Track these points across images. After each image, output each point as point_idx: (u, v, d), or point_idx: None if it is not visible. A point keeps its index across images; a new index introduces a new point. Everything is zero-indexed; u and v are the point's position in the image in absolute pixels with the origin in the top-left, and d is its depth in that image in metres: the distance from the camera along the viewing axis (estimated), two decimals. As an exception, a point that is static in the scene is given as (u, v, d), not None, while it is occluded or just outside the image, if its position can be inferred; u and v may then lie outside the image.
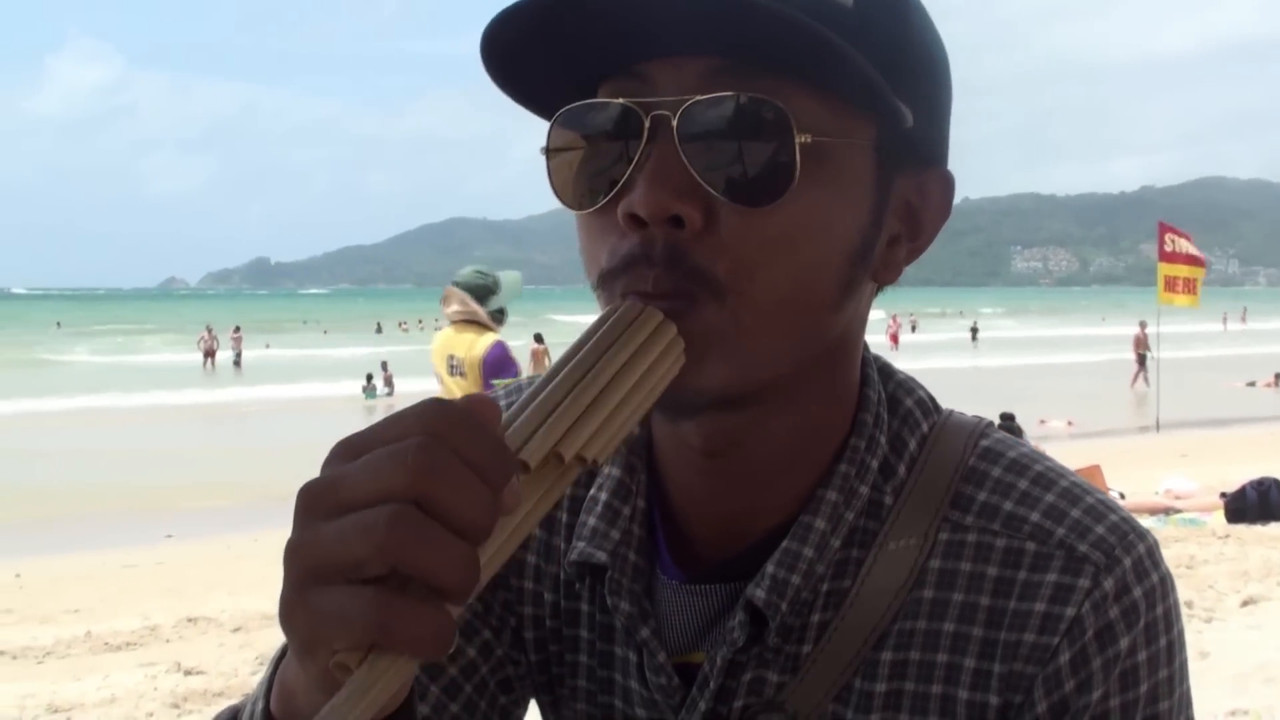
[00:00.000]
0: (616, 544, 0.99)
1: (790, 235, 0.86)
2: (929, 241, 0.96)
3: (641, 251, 0.85)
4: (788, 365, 0.90)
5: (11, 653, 8.21)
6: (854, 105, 0.86)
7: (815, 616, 0.94)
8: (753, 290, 0.85)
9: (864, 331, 0.98)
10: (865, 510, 0.96)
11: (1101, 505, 0.94)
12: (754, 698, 0.95)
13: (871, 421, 0.97)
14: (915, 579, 0.93)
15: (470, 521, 0.65)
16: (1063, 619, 0.90)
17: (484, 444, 0.67)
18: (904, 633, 0.93)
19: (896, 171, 0.91)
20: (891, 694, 0.93)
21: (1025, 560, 0.92)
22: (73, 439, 21.08)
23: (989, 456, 0.98)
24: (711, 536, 0.98)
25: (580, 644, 1.05)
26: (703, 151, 0.84)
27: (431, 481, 0.64)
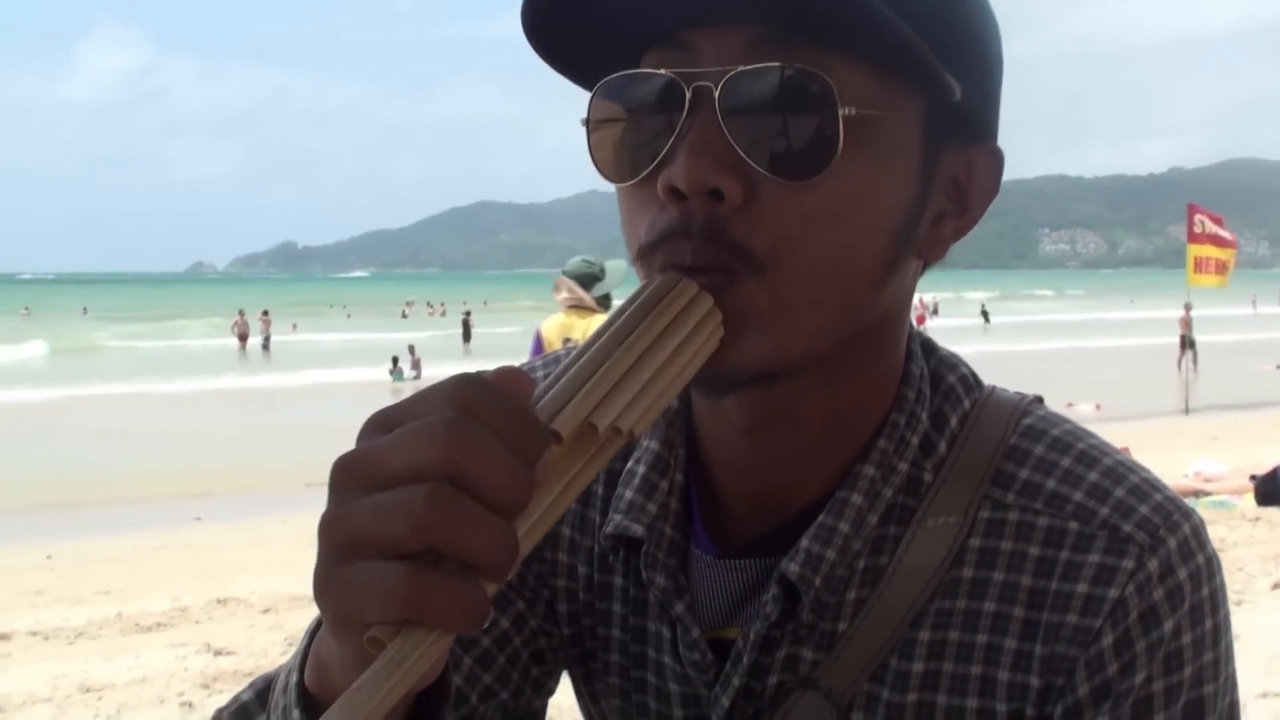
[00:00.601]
0: (653, 518, 0.98)
1: (832, 210, 0.84)
2: (976, 219, 0.94)
3: (680, 224, 0.84)
4: (828, 342, 0.89)
5: (43, 633, 8.27)
6: (900, 77, 0.84)
7: (851, 594, 0.93)
8: (793, 266, 0.84)
9: (909, 308, 0.96)
10: (904, 487, 0.94)
11: (1146, 484, 0.93)
12: (789, 674, 0.94)
13: (914, 398, 0.96)
14: (954, 557, 0.92)
15: (505, 496, 0.64)
16: (1106, 600, 0.88)
17: (515, 417, 0.66)
18: (942, 612, 0.92)
19: (944, 146, 0.90)
20: (929, 674, 0.91)
21: (1068, 540, 0.90)
22: (102, 423, 21.20)
23: (1031, 434, 0.96)
24: (748, 511, 0.97)
25: (613, 618, 1.05)
26: (745, 124, 0.83)
27: (465, 456, 0.64)
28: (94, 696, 6.80)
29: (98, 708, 6.62)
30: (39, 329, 50.99)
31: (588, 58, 0.89)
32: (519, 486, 0.65)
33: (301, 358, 36.76)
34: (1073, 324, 51.80)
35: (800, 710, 0.93)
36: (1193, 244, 19.38)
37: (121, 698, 6.75)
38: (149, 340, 43.93)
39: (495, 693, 1.03)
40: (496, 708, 1.04)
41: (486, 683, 1.03)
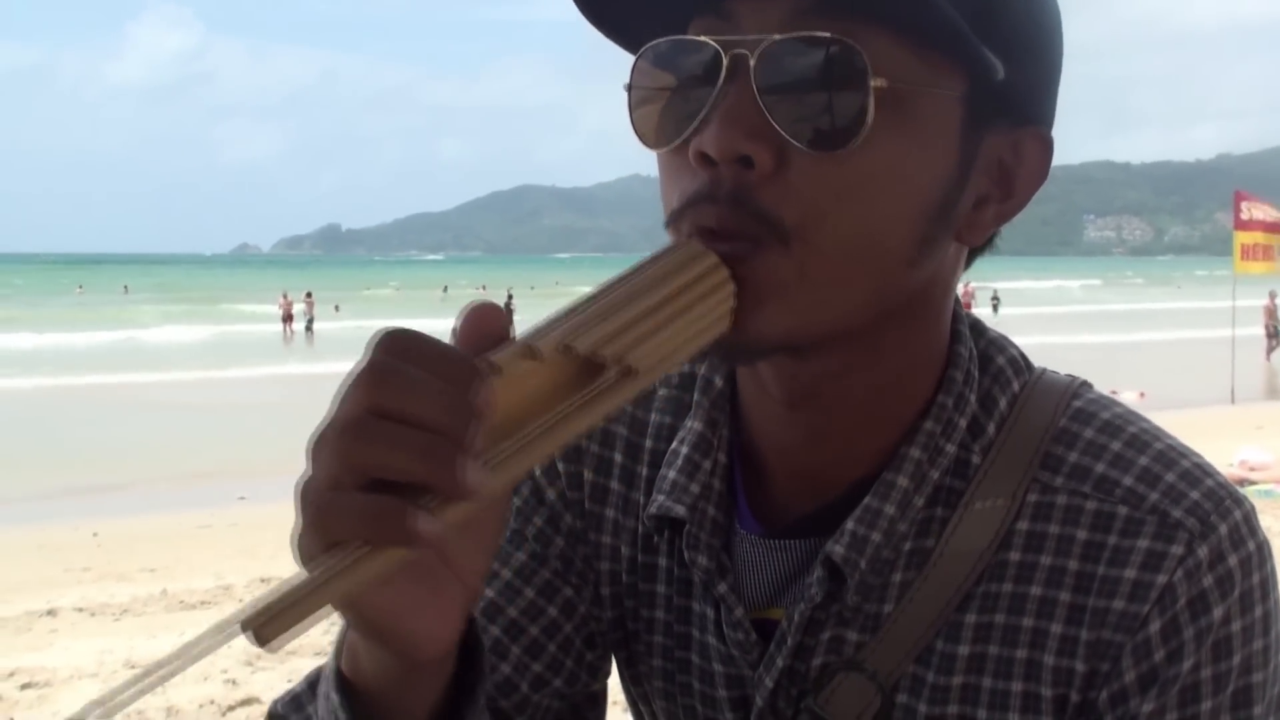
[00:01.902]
0: (696, 498, 0.99)
1: (863, 184, 0.84)
2: (1021, 205, 0.92)
3: (709, 190, 0.85)
4: (859, 318, 0.88)
5: (90, 609, 8.36)
6: (939, 54, 0.84)
7: (897, 576, 0.93)
8: (820, 238, 0.84)
9: (953, 290, 0.96)
10: (952, 469, 0.94)
11: (1198, 469, 0.92)
12: (833, 656, 0.94)
13: (961, 379, 0.95)
14: (1001, 540, 0.91)
15: (426, 417, 0.66)
16: (1154, 586, 0.87)
17: (433, 347, 0.69)
18: (989, 595, 0.91)
19: (987, 127, 0.89)
20: (975, 657, 0.91)
21: (1116, 525, 0.90)
22: (146, 402, 21.37)
23: (1081, 417, 0.95)
24: (793, 491, 0.98)
25: (657, 599, 1.05)
26: (778, 93, 0.83)
27: (378, 389, 0.67)
28: (139, 672, 6.87)
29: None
30: (77, 306, 51.42)
31: (635, 22, 0.90)
32: (441, 407, 0.66)
33: (344, 340, 36.94)
34: (1117, 313, 51.34)
35: (844, 692, 0.93)
36: (1240, 231, 19.20)
37: (166, 674, 6.81)
38: (194, 323, 44.20)
39: (548, 680, 1.04)
40: (552, 695, 1.05)
41: (537, 671, 1.04)
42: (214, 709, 6.27)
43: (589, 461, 1.08)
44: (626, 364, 0.75)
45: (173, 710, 6.25)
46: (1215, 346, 26.31)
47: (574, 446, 1.07)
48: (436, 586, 0.75)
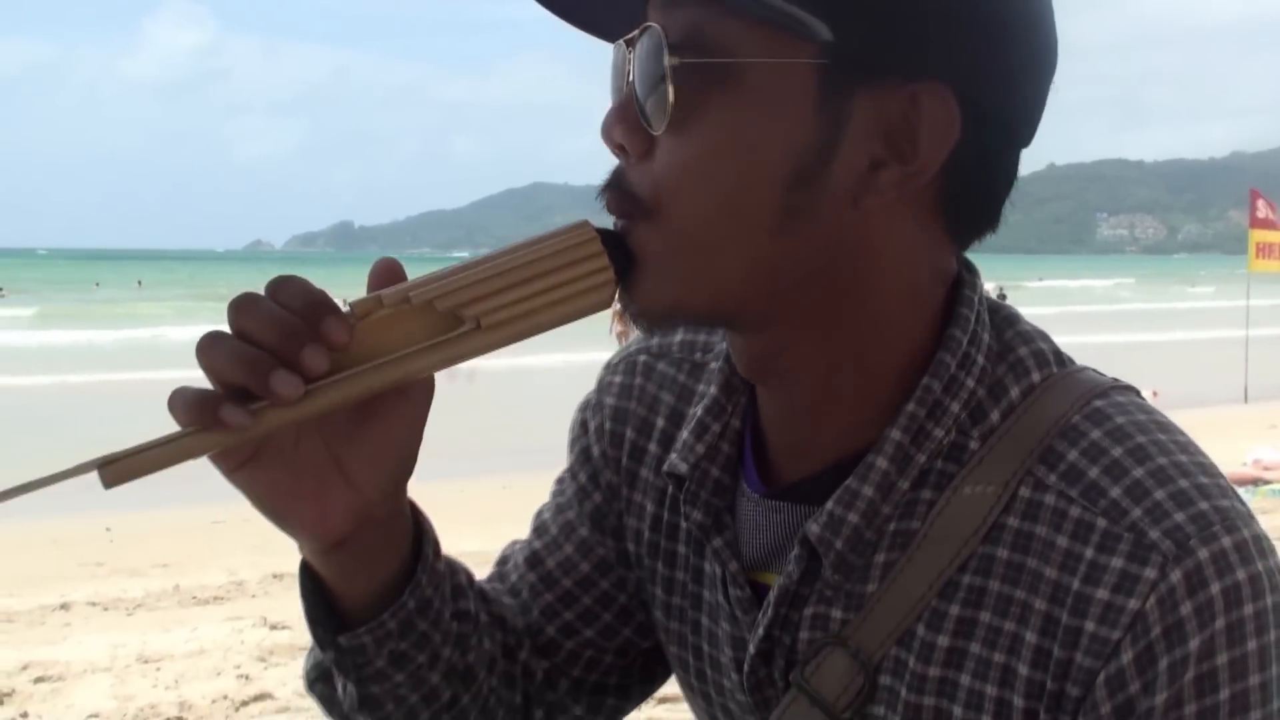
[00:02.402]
0: (700, 457, 1.01)
1: (704, 159, 0.88)
2: (933, 164, 0.88)
3: (607, 179, 0.93)
4: (743, 288, 0.90)
5: (103, 604, 8.40)
6: (763, 23, 0.85)
7: (880, 556, 0.93)
8: (677, 212, 0.89)
9: (908, 269, 0.93)
10: (944, 453, 0.93)
11: (1196, 490, 0.86)
12: (819, 632, 0.95)
13: (954, 363, 0.93)
14: (989, 531, 0.90)
15: (258, 335, 0.81)
16: (1124, 611, 0.83)
17: (299, 286, 0.84)
18: (974, 589, 0.90)
19: (856, 88, 0.87)
20: (955, 651, 0.90)
21: (1094, 537, 0.86)
22: (159, 399, 21.46)
23: (1095, 417, 0.92)
24: (785, 456, 1.00)
25: (677, 559, 1.08)
26: (639, 83, 0.89)
27: (235, 311, 0.83)
28: (152, 667, 6.90)
29: (156, 678, 6.72)
30: (92, 301, 51.51)
31: (601, 16, 0.96)
32: (279, 333, 0.81)
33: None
34: (1130, 312, 51.22)
35: (830, 666, 0.94)
36: (1255, 229, 19.15)
37: (179, 668, 6.84)
38: (209, 320, 44.30)
39: (578, 629, 1.13)
40: (586, 644, 1.13)
41: (567, 619, 1.13)
42: (227, 704, 6.28)
43: (633, 422, 1.13)
44: (474, 318, 0.86)
45: (186, 705, 6.27)
46: (1227, 345, 26.26)
47: (620, 408, 1.14)
48: (319, 485, 0.89)
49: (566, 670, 1.15)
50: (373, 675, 0.99)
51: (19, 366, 25.26)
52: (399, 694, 1.01)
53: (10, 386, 22.24)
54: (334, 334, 0.82)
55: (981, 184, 0.93)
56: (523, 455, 13.02)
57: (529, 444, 14.47)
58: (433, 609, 1.00)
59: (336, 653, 0.99)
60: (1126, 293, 71.84)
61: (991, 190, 0.94)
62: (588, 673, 1.16)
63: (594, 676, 1.16)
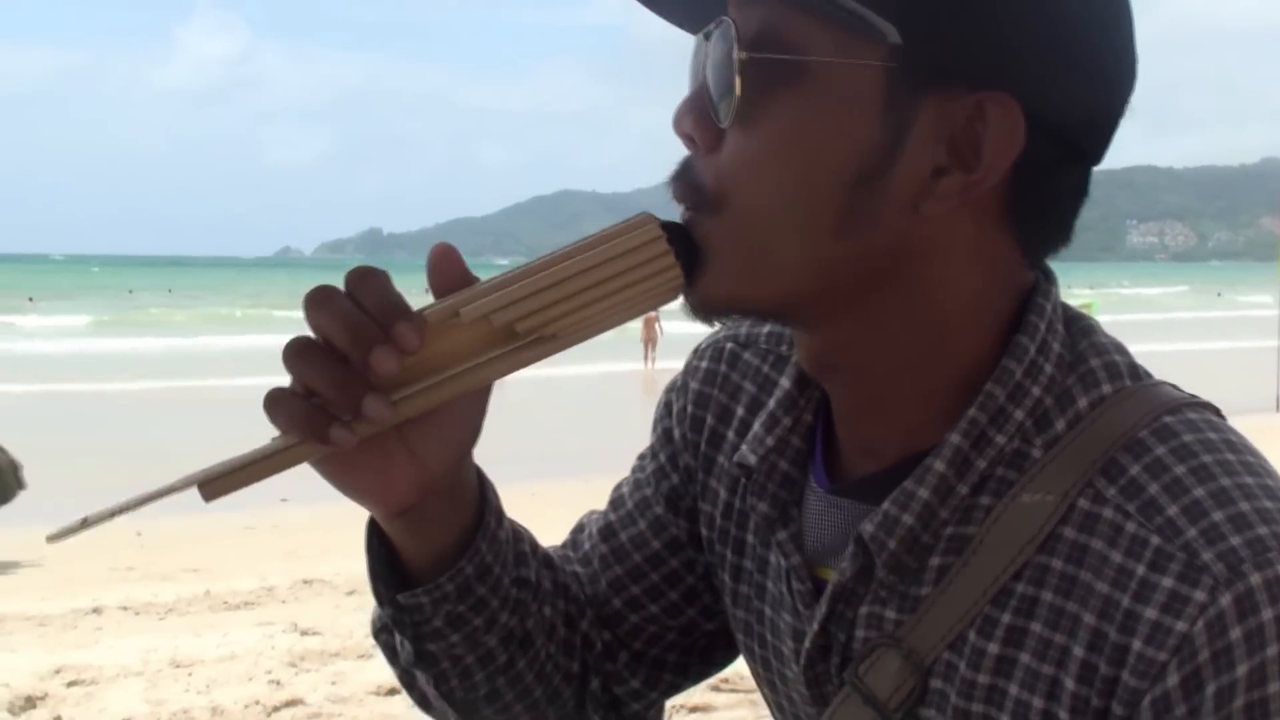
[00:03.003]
0: (769, 450, 1.03)
1: (770, 155, 0.89)
2: (994, 175, 0.88)
3: (676, 169, 0.95)
4: (799, 285, 0.91)
5: (134, 608, 8.45)
6: (838, 22, 0.86)
7: (935, 560, 0.93)
8: (739, 206, 0.90)
9: (977, 270, 0.92)
10: (1006, 460, 0.92)
11: (1255, 514, 0.84)
12: (873, 631, 0.96)
13: (1019, 371, 0.92)
14: (1045, 540, 0.89)
15: (339, 339, 0.84)
16: (1172, 633, 0.82)
17: (371, 284, 0.86)
18: (1027, 599, 0.89)
19: (924, 94, 0.87)
20: (1005, 660, 0.90)
21: (1146, 554, 0.84)
22: (191, 406, 21.53)
23: (1163, 432, 0.90)
24: (851, 453, 1.01)
25: (746, 548, 1.10)
26: (711, 75, 0.91)
27: (315, 310, 0.85)
28: (184, 671, 6.94)
29: (188, 682, 6.75)
30: (125, 307, 51.75)
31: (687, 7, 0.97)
32: (354, 337, 0.84)
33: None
34: (1163, 321, 50.91)
35: (882, 666, 0.94)
36: (1286, 237, 19.08)
37: (211, 673, 6.88)
38: (243, 327, 44.46)
39: (643, 604, 1.16)
40: (650, 620, 1.17)
41: (634, 593, 1.17)
42: (259, 709, 6.31)
43: (714, 409, 1.15)
44: (546, 332, 0.88)
45: (218, 710, 6.30)
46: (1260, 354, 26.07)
47: (703, 393, 1.16)
48: (386, 460, 0.93)
49: (628, 643, 1.18)
50: (429, 634, 1.02)
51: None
52: (454, 654, 1.03)
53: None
54: (407, 341, 0.84)
55: (1047, 197, 0.92)
56: (549, 462, 13.08)
57: (555, 452, 14.51)
58: (492, 575, 1.02)
59: (395, 609, 1.02)
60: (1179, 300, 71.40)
61: (1058, 204, 0.93)
62: (648, 647, 1.18)
63: (654, 651, 1.18)
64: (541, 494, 10.04)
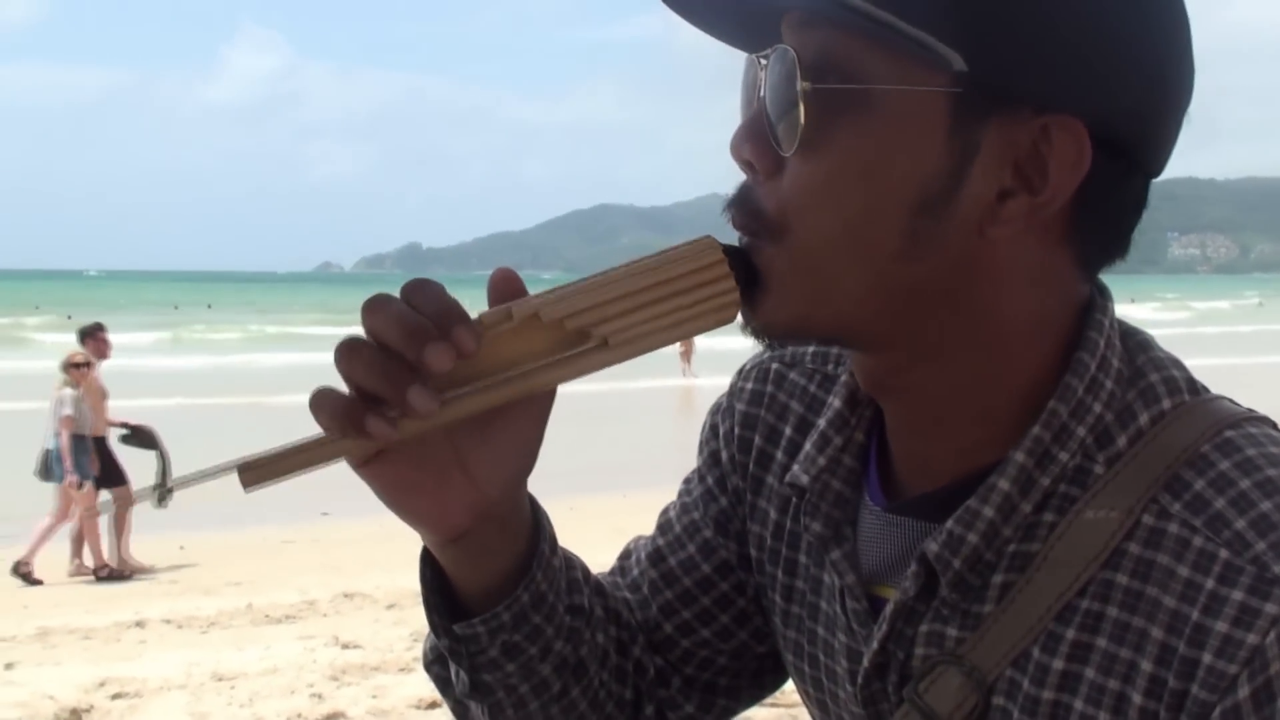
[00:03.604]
0: (821, 469, 1.03)
1: (834, 181, 0.88)
2: (1061, 197, 0.88)
3: (733, 195, 0.94)
4: (864, 309, 0.91)
5: (177, 621, 8.52)
6: (899, 50, 0.85)
7: (998, 577, 0.92)
8: (802, 233, 0.89)
9: (1039, 289, 0.92)
10: (1068, 476, 0.92)
11: None
12: (934, 649, 0.95)
13: (1081, 388, 0.92)
14: (1109, 557, 0.89)
15: (393, 339, 0.83)
16: (1243, 646, 0.80)
17: (432, 292, 0.86)
18: (1092, 614, 0.89)
19: (990, 118, 0.87)
20: (1070, 675, 0.89)
21: (1215, 568, 0.83)
22: (231, 422, 21.68)
23: (1226, 447, 0.89)
24: (908, 471, 1.00)
25: (798, 568, 1.10)
26: (770, 101, 0.90)
27: (369, 314, 0.85)
28: (227, 685, 6.99)
29: (231, 695, 6.80)
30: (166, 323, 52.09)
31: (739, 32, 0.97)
32: (405, 334, 0.83)
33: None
34: (1200, 335, 50.54)
35: (944, 684, 0.93)
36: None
37: (253, 687, 6.92)
38: (276, 350, 44.71)
39: (694, 629, 1.16)
40: (702, 644, 1.16)
41: (685, 617, 1.16)
42: (300, 721, 6.36)
43: (761, 429, 1.15)
44: (601, 336, 0.88)
45: (259, 722, 6.35)
46: (1304, 365, 25.85)
47: (750, 414, 1.16)
48: (442, 481, 0.92)
49: (680, 668, 1.17)
50: (485, 664, 1.01)
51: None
52: (509, 683, 1.03)
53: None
54: (464, 341, 0.84)
55: (1110, 213, 0.92)
56: (589, 476, 13.09)
57: (594, 466, 14.52)
58: (547, 603, 1.02)
59: (451, 640, 1.01)
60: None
61: (1121, 219, 0.93)
62: (700, 671, 1.18)
63: (706, 675, 1.18)
64: (580, 508, 10.06)
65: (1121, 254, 0.95)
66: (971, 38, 0.84)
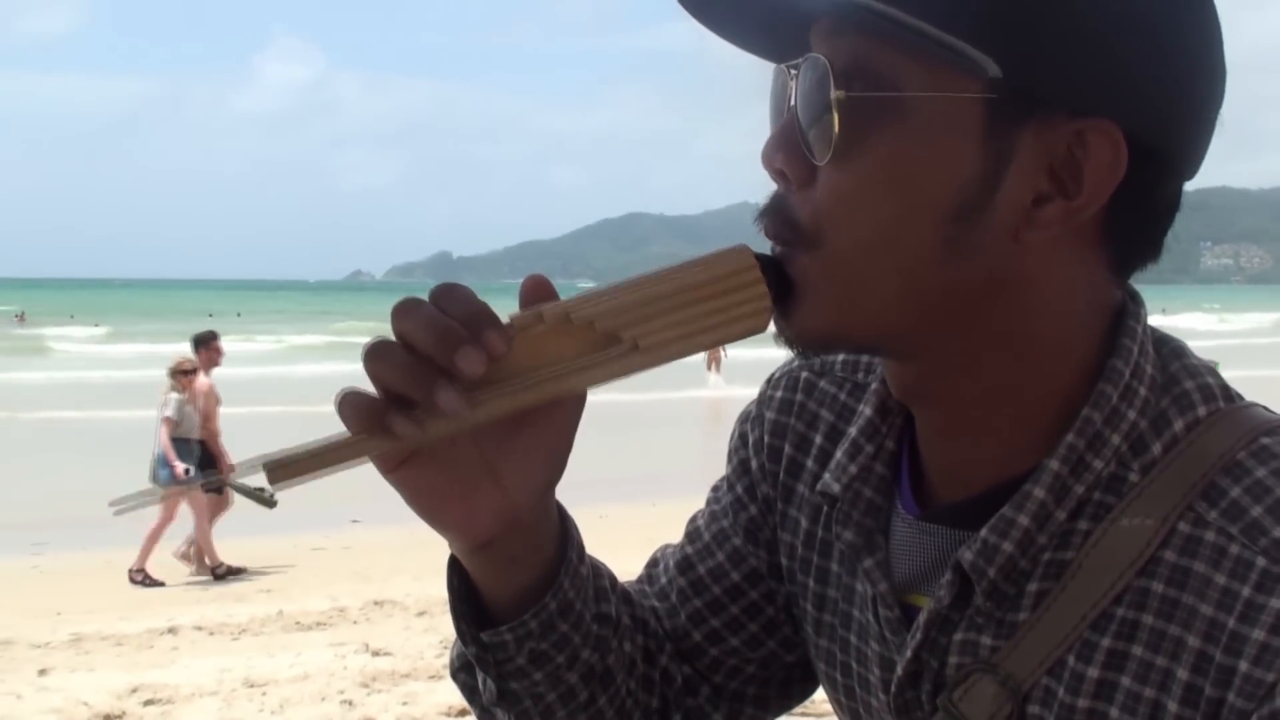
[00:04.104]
0: (852, 478, 1.03)
1: (868, 188, 0.88)
2: (1097, 201, 0.88)
3: (766, 205, 0.94)
4: (900, 317, 0.91)
5: (209, 628, 8.56)
6: (932, 57, 0.85)
7: (1033, 585, 0.92)
8: (838, 242, 0.89)
9: (1073, 294, 0.92)
10: (1103, 484, 0.92)
11: None
12: (968, 658, 0.95)
13: (1115, 395, 0.92)
14: (1145, 565, 0.88)
15: (421, 343, 0.83)
16: None
17: (461, 295, 0.86)
18: (1127, 622, 0.88)
19: (1025, 123, 0.87)
20: (1105, 683, 0.89)
21: (1252, 576, 0.83)
22: (267, 430, 21.77)
23: (1262, 455, 0.88)
24: (941, 480, 1.00)
25: (830, 577, 1.10)
26: (801, 110, 0.90)
27: (398, 317, 0.85)
28: (258, 691, 7.02)
29: (262, 702, 6.83)
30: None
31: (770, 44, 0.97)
32: (433, 335, 0.83)
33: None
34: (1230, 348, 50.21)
35: (978, 692, 0.93)
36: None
37: (284, 693, 6.95)
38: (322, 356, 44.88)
39: (723, 637, 1.16)
40: (731, 653, 1.17)
41: (714, 626, 1.16)
42: (330, 728, 6.38)
43: (791, 438, 1.15)
44: (632, 339, 0.88)
45: (290, 729, 6.37)
46: (1339, 376, 25.64)
47: (780, 422, 1.16)
48: (470, 488, 0.92)
49: (708, 676, 1.17)
50: (512, 672, 1.02)
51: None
52: (536, 691, 1.03)
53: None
54: (494, 344, 0.84)
55: (1144, 217, 0.92)
56: (618, 486, 13.08)
57: (624, 475, 14.51)
58: (574, 611, 1.02)
59: (478, 648, 1.01)
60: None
61: (1154, 222, 0.93)
62: (728, 680, 1.18)
63: (734, 684, 1.18)
64: (611, 516, 10.08)
65: (1154, 257, 0.95)
66: (1005, 43, 0.84)
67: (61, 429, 20.56)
